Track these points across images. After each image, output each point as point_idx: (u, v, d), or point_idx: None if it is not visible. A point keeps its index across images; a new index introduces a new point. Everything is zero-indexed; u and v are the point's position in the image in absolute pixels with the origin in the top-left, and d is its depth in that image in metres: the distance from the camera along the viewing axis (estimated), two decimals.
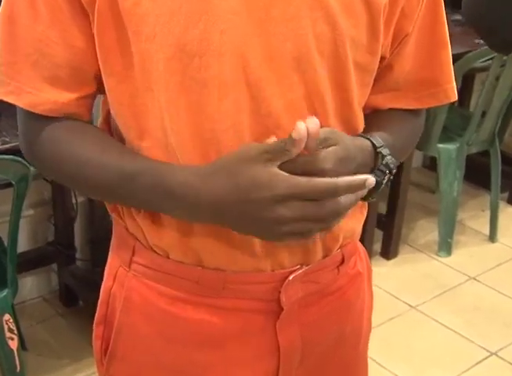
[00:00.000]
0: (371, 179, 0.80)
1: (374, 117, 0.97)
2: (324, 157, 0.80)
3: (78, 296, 2.49)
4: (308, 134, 0.77)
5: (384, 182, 0.89)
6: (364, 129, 0.94)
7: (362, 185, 0.80)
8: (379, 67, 0.93)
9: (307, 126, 0.77)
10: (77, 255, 2.49)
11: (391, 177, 0.90)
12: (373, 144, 0.89)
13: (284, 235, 0.80)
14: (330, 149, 0.81)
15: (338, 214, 0.81)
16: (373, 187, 0.87)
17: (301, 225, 0.79)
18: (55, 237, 2.46)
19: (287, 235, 0.80)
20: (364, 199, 0.90)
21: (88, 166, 0.87)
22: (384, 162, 0.88)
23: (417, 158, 3.54)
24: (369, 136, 0.89)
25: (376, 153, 0.88)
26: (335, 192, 0.78)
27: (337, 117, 0.89)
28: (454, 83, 0.99)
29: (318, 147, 0.80)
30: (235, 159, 0.79)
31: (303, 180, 0.77)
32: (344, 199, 0.80)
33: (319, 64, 0.84)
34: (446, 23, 0.96)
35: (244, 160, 0.78)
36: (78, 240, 2.50)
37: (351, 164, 0.83)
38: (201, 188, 0.80)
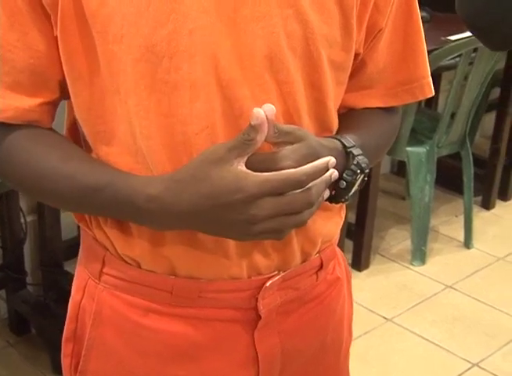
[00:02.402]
0: (333, 159, 0.85)
1: (348, 116, 1.01)
2: (284, 155, 0.83)
3: (30, 323, 2.47)
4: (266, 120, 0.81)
5: (357, 182, 0.93)
6: (338, 129, 0.98)
7: (325, 167, 0.84)
8: (353, 65, 0.97)
9: (264, 110, 0.81)
10: (28, 280, 2.48)
11: (365, 178, 0.94)
12: (343, 144, 0.92)
13: (258, 234, 0.84)
14: (290, 147, 0.84)
15: (310, 204, 0.84)
16: (346, 188, 0.92)
17: (274, 223, 0.83)
18: (3, 261, 2.44)
19: (261, 234, 0.84)
20: (337, 201, 0.94)
21: (47, 176, 0.89)
22: (354, 162, 0.92)
23: (385, 164, 3.59)
24: (339, 137, 0.93)
25: (346, 153, 0.92)
26: (303, 180, 0.82)
27: (310, 117, 0.93)
28: (430, 78, 1.04)
29: (278, 139, 0.83)
30: (201, 163, 0.83)
31: (271, 176, 0.81)
32: (313, 188, 0.83)
33: (291, 63, 0.88)
34: (420, 17, 1.00)
35: (212, 163, 0.82)
36: (28, 263, 2.49)
37: None
38: (168, 201, 0.84)
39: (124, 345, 0.97)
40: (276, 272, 0.96)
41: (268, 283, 0.96)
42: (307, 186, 0.83)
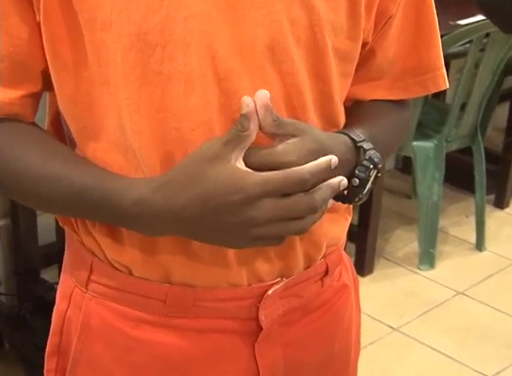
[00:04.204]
0: (335, 158, 0.85)
1: (355, 109, 1.02)
2: (286, 149, 0.84)
3: (3, 337, 2.47)
4: (261, 107, 0.83)
5: (371, 179, 0.93)
6: (345, 123, 0.99)
7: (328, 166, 0.84)
8: (361, 54, 0.98)
9: (257, 96, 0.83)
10: (1, 289, 2.48)
11: (379, 174, 0.94)
12: (353, 139, 0.93)
13: (256, 240, 0.85)
14: (293, 140, 0.85)
15: (313, 209, 0.85)
16: (359, 185, 0.92)
17: (274, 227, 0.84)
18: None
19: (259, 240, 0.85)
20: (350, 201, 0.94)
21: (28, 177, 0.90)
22: (366, 157, 0.92)
23: (389, 160, 3.59)
24: (347, 132, 0.94)
25: (357, 148, 0.93)
26: (306, 179, 0.83)
27: (316, 111, 0.93)
28: (444, 69, 1.05)
29: (278, 129, 0.84)
30: (195, 160, 0.84)
31: (272, 175, 0.82)
32: (317, 193, 0.84)
33: (295, 53, 0.89)
34: (433, 2, 1.01)
35: (207, 161, 0.83)
36: (1, 270, 2.49)
37: None
38: (158, 204, 0.84)
39: (114, 358, 0.98)
40: (279, 279, 0.97)
41: (270, 291, 0.96)
42: (311, 191, 0.84)
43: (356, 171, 0.92)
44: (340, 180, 0.86)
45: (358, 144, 0.93)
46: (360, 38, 0.95)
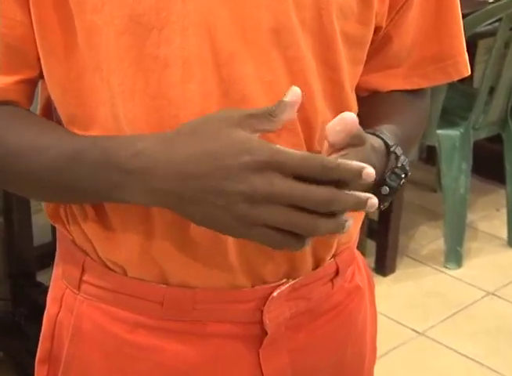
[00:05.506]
0: (371, 169, 0.81)
1: (374, 103, 1.03)
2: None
3: None
4: (346, 125, 0.82)
5: (399, 186, 0.93)
6: (364, 118, 0.98)
7: (358, 172, 0.80)
8: (374, 40, 0.98)
9: (346, 119, 0.82)
10: None
11: (405, 180, 0.94)
12: (386, 144, 0.92)
13: (255, 225, 0.80)
14: (352, 152, 0.84)
15: (327, 204, 0.79)
16: (389, 194, 0.92)
17: (280, 213, 0.79)
18: None
19: (262, 227, 0.80)
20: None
21: (22, 153, 0.90)
22: (398, 164, 0.92)
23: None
24: (378, 133, 0.93)
25: (388, 153, 0.92)
26: (324, 166, 0.79)
27: (325, 100, 0.94)
28: (466, 55, 1.06)
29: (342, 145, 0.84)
30: (209, 118, 0.82)
31: (290, 150, 0.79)
32: (340, 192, 0.80)
33: (301, 37, 0.89)
34: None
35: (222, 121, 0.81)
36: None
37: None
38: (159, 154, 0.82)
39: (108, 364, 0.99)
40: (285, 281, 0.97)
41: (275, 293, 0.96)
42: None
43: (388, 180, 0.91)
44: (368, 197, 0.81)
45: (391, 149, 0.92)
46: (372, 22, 0.95)
